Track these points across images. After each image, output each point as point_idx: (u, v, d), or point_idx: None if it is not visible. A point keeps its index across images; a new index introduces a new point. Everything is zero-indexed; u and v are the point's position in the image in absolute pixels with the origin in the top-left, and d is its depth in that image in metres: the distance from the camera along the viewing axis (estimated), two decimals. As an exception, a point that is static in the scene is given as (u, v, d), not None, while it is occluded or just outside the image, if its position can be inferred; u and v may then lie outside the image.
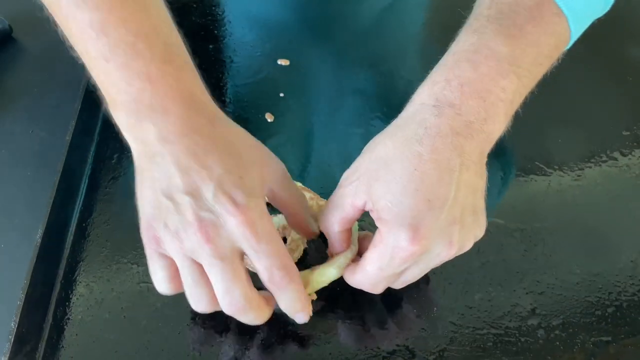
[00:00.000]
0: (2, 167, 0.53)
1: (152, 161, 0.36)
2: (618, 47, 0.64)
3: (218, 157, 0.36)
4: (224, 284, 0.36)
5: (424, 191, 0.36)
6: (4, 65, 0.61)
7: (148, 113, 0.36)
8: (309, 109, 0.56)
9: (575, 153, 0.54)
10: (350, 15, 0.66)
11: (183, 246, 0.36)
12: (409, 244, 0.36)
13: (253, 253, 0.36)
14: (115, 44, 0.36)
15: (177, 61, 0.38)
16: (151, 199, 0.37)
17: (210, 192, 0.35)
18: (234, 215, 0.35)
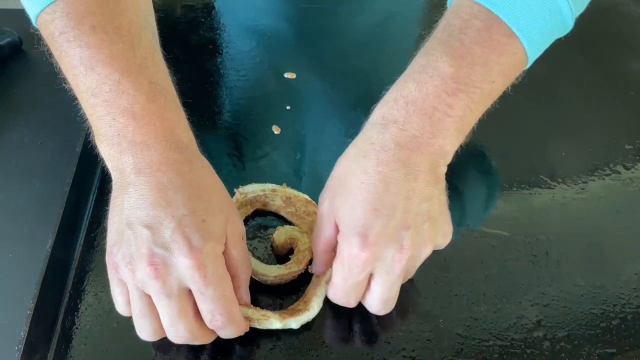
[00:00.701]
0: (12, 178, 0.53)
1: (125, 191, 0.38)
2: (620, 62, 0.65)
3: (187, 196, 0.37)
4: (169, 318, 0.38)
5: (371, 201, 0.39)
6: (15, 77, 0.62)
7: (129, 147, 0.38)
8: (315, 121, 0.57)
9: (579, 166, 0.55)
10: (347, 28, 0.67)
11: (134, 276, 0.37)
12: (359, 250, 0.38)
13: (199, 295, 0.37)
14: (102, 81, 0.38)
15: (161, 100, 0.39)
16: (116, 227, 0.38)
17: (169, 229, 0.36)
18: (186, 257, 0.36)
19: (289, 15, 0.68)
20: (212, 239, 0.37)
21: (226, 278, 0.38)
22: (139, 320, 0.39)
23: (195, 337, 0.39)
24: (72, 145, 0.53)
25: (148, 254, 0.36)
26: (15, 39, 0.63)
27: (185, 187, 0.38)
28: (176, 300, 0.37)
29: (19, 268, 0.47)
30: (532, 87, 0.61)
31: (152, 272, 0.36)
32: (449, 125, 0.40)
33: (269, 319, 0.42)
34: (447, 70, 0.40)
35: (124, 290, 0.39)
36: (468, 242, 0.49)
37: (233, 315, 0.39)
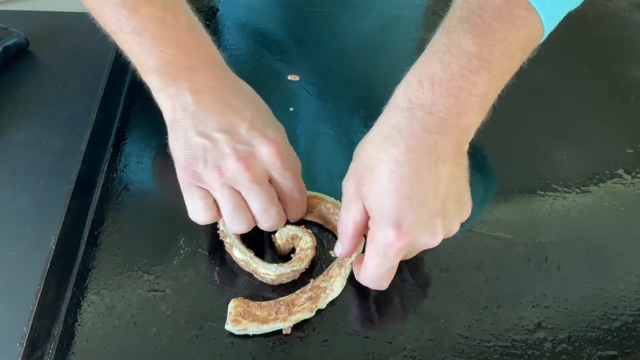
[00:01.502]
0: (16, 177, 0.54)
1: (187, 111, 0.42)
2: (622, 67, 0.65)
3: (245, 103, 0.44)
4: (262, 205, 0.43)
5: (403, 190, 0.39)
6: (20, 77, 0.62)
7: (180, 72, 0.43)
8: (317, 123, 0.57)
9: (580, 170, 0.55)
10: (349, 32, 0.68)
11: (223, 176, 0.42)
12: (395, 241, 0.40)
13: (280, 178, 0.44)
14: (147, 19, 0.43)
15: (197, 30, 0.45)
16: (188, 143, 0.42)
17: (244, 128, 0.42)
18: (267, 146, 0.42)
19: (292, 19, 0.69)
20: (280, 131, 0.45)
21: (296, 161, 0.45)
22: (235, 214, 0.43)
23: (282, 220, 0.45)
24: (76, 144, 0.54)
25: (233, 151, 0.42)
26: (21, 39, 0.64)
27: (241, 97, 0.44)
28: (265, 187, 0.43)
29: (22, 266, 0.47)
30: (535, 92, 0.61)
31: (242, 165, 0.41)
32: (473, 104, 0.40)
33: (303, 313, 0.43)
34: (471, 49, 0.40)
35: (204, 194, 0.43)
36: (469, 244, 0.49)
37: (304, 191, 0.46)
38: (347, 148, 0.45)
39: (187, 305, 0.44)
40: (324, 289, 0.44)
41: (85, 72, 0.63)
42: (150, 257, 0.47)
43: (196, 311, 0.44)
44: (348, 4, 0.70)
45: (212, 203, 0.43)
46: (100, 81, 0.57)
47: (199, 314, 0.44)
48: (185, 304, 0.44)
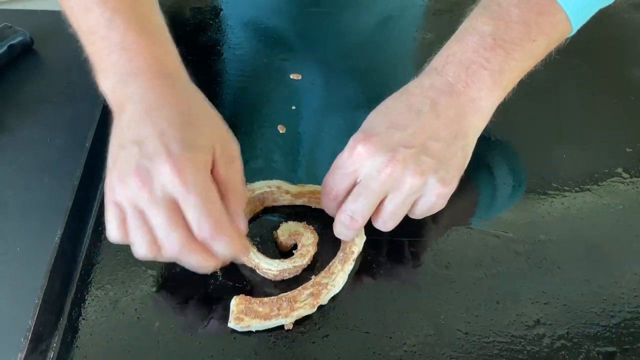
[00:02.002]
0: (21, 173, 0.54)
1: (119, 118, 0.42)
2: (622, 68, 0.65)
3: (168, 113, 0.40)
4: (161, 228, 0.38)
5: (390, 116, 0.44)
6: (25, 75, 0.63)
7: (122, 77, 0.42)
8: (319, 121, 0.58)
9: (580, 169, 0.55)
10: (351, 31, 0.69)
11: (127, 192, 0.38)
12: (357, 142, 0.43)
13: (182, 202, 0.38)
14: (97, 19, 0.43)
15: (149, 33, 0.44)
16: (112, 151, 0.41)
17: (152, 142, 0.38)
18: (165, 162, 0.37)
19: (295, 19, 0.69)
20: (192, 148, 0.39)
21: (210, 188, 0.39)
22: (134, 236, 0.39)
23: (190, 248, 0.38)
24: (80, 142, 0.54)
25: (135, 167, 0.38)
26: (26, 38, 0.64)
27: (167, 107, 0.40)
28: (164, 208, 0.37)
29: (27, 261, 0.48)
30: (535, 91, 0.62)
31: (139, 181, 0.38)
32: (484, 78, 0.43)
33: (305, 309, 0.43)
34: (484, 29, 0.44)
35: (117, 212, 0.39)
36: (470, 241, 0.49)
37: (221, 225, 0.38)
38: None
39: (190, 300, 0.45)
40: (325, 285, 0.45)
41: (89, 70, 0.63)
42: (154, 252, 0.47)
43: (199, 306, 0.44)
44: (350, 4, 0.71)
45: (122, 221, 0.39)
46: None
47: (202, 309, 0.44)
48: (188, 299, 0.45)
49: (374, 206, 0.43)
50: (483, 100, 0.44)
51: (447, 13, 0.71)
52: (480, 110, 0.44)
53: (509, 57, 0.43)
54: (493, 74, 0.43)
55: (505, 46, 0.43)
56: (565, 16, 0.44)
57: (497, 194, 0.53)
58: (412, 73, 0.48)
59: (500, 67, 0.43)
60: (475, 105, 0.44)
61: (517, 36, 0.43)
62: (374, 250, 0.48)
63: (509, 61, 0.43)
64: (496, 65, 0.43)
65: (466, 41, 0.44)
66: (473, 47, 0.44)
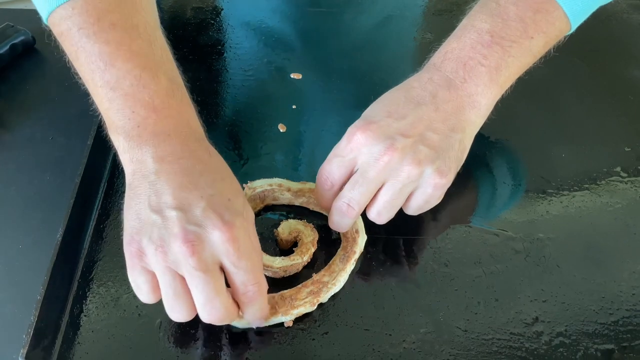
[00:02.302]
0: (23, 172, 0.55)
1: (146, 179, 0.38)
2: (620, 68, 0.66)
3: (211, 179, 0.39)
4: (205, 295, 0.37)
5: (389, 106, 0.45)
6: (27, 74, 0.63)
7: (150, 137, 0.39)
8: (319, 120, 0.58)
9: (579, 168, 0.56)
10: (351, 31, 0.69)
11: (166, 258, 0.37)
12: (357, 129, 0.43)
13: (232, 268, 0.38)
14: (122, 76, 0.39)
15: (178, 95, 0.41)
16: (139, 215, 0.38)
17: (199, 208, 0.37)
18: (221, 231, 0.37)
19: (295, 18, 0.70)
20: (240, 215, 0.39)
21: (256, 250, 0.40)
22: (175, 302, 0.38)
23: (229, 313, 0.39)
24: (81, 140, 0.54)
25: (182, 232, 0.36)
26: (28, 37, 0.64)
27: (207, 172, 0.39)
28: (212, 276, 0.37)
29: (29, 259, 0.48)
30: (534, 91, 0.62)
31: (189, 249, 0.36)
32: (482, 74, 0.44)
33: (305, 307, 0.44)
34: (482, 26, 0.45)
35: (149, 278, 0.38)
36: (469, 239, 0.50)
37: (262, 287, 0.40)
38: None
39: (191, 297, 0.45)
40: (325, 283, 0.45)
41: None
42: (155, 250, 0.48)
43: (199, 303, 0.45)
44: (350, 4, 0.71)
45: (155, 285, 0.39)
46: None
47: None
48: (189, 296, 0.45)
49: (371, 194, 0.44)
50: (480, 95, 0.44)
51: (447, 13, 0.71)
52: (477, 106, 0.45)
53: (506, 54, 0.44)
54: (490, 70, 0.44)
55: (503, 43, 0.44)
56: (563, 14, 0.45)
57: (497, 193, 0.53)
58: (412, 72, 0.48)
59: (497, 63, 0.44)
60: (473, 101, 0.44)
61: (515, 33, 0.44)
62: (374, 248, 0.49)
63: (506, 58, 0.44)
64: (493, 62, 0.44)
65: (464, 38, 0.45)
66: (471, 43, 0.45)
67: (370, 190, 0.43)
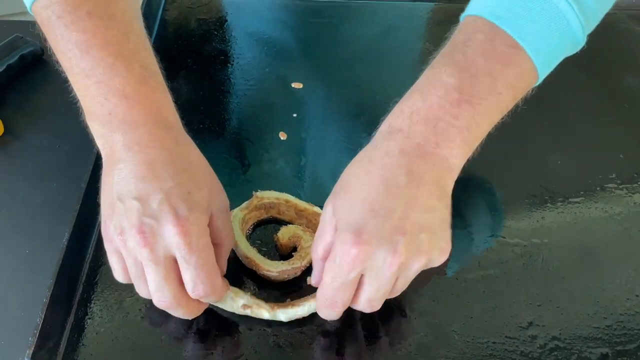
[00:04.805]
0: (30, 179, 0.56)
1: (115, 167, 0.40)
2: (616, 76, 0.67)
3: (173, 171, 0.40)
4: (155, 284, 0.40)
5: (370, 201, 0.39)
6: (35, 85, 0.65)
7: (119, 125, 0.40)
8: (319, 128, 0.60)
9: (574, 175, 0.56)
10: (352, 41, 0.70)
11: (126, 246, 0.40)
12: (351, 246, 0.38)
13: (183, 262, 0.39)
14: (96, 63, 0.40)
15: (151, 83, 0.42)
16: (108, 201, 0.41)
17: (157, 200, 0.39)
18: (172, 225, 0.38)
19: (297, 29, 0.71)
20: (197, 210, 0.39)
21: (209, 248, 0.41)
22: (136, 282, 0.42)
23: (179, 303, 0.41)
24: (87, 148, 0.55)
25: (137, 224, 0.38)
26: (37, 49, 0.66)
27: (171, 162, 0.40)
28: (162, 267, 0.39)
29: (36, 262, 0.50)
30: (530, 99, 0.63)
31: (141, 240, 0.38)
32: (453, 136, 0.40)
33: (260, 309, 0.44)
34: (449, 81, 0.40)
35: (120, 259, 0.41)
36: (466, 244, 0.51)
37: (214, 285, 0.41)
38: (349, 153, 0.47)
39: (192, 301, 0.46)
40: (292, 303, 0.45)
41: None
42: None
43: (201, 306, 0.46)
44: (351, 15, 0.73)
45: (125, 267, 0.42)
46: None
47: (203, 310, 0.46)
48: (191, 300, 0.46)
49: (388, 292, 0.41)
50: (454, 158, 0.41)
51: (446, 23, 0.72)
52: (453, 168, 0.41)
53: (476, 113, 0.40)
54: (461, 131, 0.40)
55: (472, 100, 0.40)
56: (531, 66, 0.41)
57: (495, 200, 0.54)
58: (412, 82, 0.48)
59: (468, 123, 0.40)
60: (448, 164, 0.41)
61: (484, 89, 0.40)
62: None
63: (476, 117, 0.40)
64: (464, 122, 0.40)
65: (430, 96, 0.41)
66: (438, 102, 0.40)
67: (387, 290, 0.41)
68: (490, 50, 0.41)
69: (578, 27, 0.42)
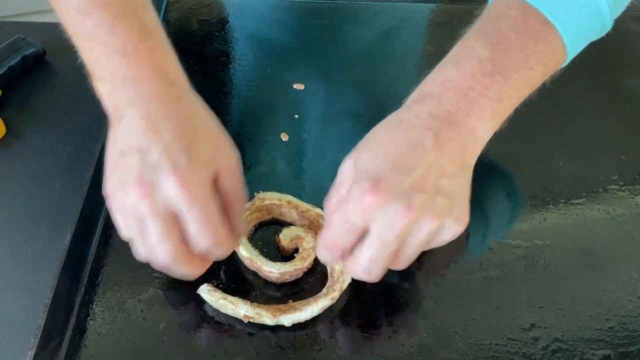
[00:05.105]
0: (32, 180, 0.56)
1: (119, 123, 0.41)
2: (617, 77, 0.67)
3: (173, 125, 0.40)
4: (155, 238, 0.39)
5: (393, 157, 0.40)
6: (37, 85, 0.65)
7: (122, 83, 0.41)
8: (321, 129, 0.60)
9: (576, 176, 0.56)
10: (353, 43, 0.70)
11: (127, 200, 0.39)
12: (366, 193, 0.38)
13: (184, 216, 0.39)
14: (97, 24, 0.42)
15: (151, 41, 0.43)
16: (111, 157, 0.41)
17: (156, 154, 0.39)
18: (171, 177, 0.38)
19: (298, 30, 0.71)
20: (197, 162, 0.39)
21: (211, 202, 0.40)
22: (133, 241, 0.41)
23: (180, 261, 0.40)
24: (89, 149, 0.56)
25: (137, 177, 0.38)
26: (39, 49, 0.66)
27: (172, 117, 0.40)
28: (162, 220, 0.39)
29: (38, 263, 0.50)
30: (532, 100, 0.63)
31: (141, 192, 0.38)
32: (483, 106, 0.41)
33: (262, 318, 0.44)
34: (482, 53, 0.42)
35: (123, 215, 0.41)
36: (467, 246, 0.50)
37: (218, 238, 0.40)
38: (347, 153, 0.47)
39: (194, 302, 0.46)
40: (294, 307, 0.45)
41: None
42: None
43: (202, 308, 0.46)
44: (352, 16, 0.73)
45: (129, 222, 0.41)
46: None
47: (205, 310, 0.46)
48: (193, 301, 0.46)
49: (391, 257, 0.40)
50: (481, 129, 0.41)
51: (447, 25, 0.73)
52: (479, 140, 0.42)
53: (507, 85, 0.41)
54: (492, 101, 0.41)
55: (504, 73, 0.41)
56: (561, 45, 0.43)
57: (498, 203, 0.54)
58: (413, 83, 0.48)
59: (499, 94, 0.41)
60: (474, 135, 0.41)
61: (516, 64, 0.41)
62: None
63: (507, 89, 0.41)
64: (495, 93, 0.41)
65: (463, 65, 0.42)
66: (471, 72, 0.41)
67: (391, 254, 0.40)
68: (522, 26, 0.42)
69: (606, 10, 0.43)
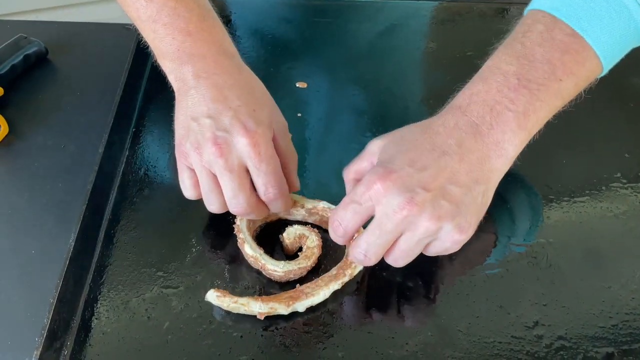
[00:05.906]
0: (36, 179, 0.56)
1: (187, 94, 0.46)
2: (620, 75, 0.66)
3: (239, 92, 0.46)
4: (231, 191, 0.45)
5: (413, 154, 0.42)
6: (40, 84, 0.65)
7: (188, 58, 0.46)
8: (324, 128, 0.60)
9: (580, 174, 0.56)
10: (356, 41, 0.70)
11: (202, 158, 0.44)
12: (377, 179, 0.41)
13: (255, 170, 0.45)
14: (160, 8, 0.47)
15: (210, 20, 0.48)
16: (182, 123, 0.46)
17: (227, 117, 0.44)
18: (243, 137, 0.44)
19: (301, 28, 0.71)
20: (263, 125, 0.45)
21: (276, 158, 0.46)
22: (208, 196, 0.46)
23: (252, 209, 0.46)
24: (92, 148, 0.56)
25: (212, 137, 0.44)
26: (41, 48, 0.66)
27: (237, 86, 0.46)
28: (236, 175, 0.44)
29: (42, 263, 0.50)
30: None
31: (217, 150, 0.43)
32: (508, 120, 0.42)
33: (277, 310, 0.44)
34: (508, 68, 0.43)
35: (191, 175, 0.46)
36: (471, 244, 0.50)
37: (282, 190, 0.46)
38: (353, 152, 0.47)
39: (198, 301, 0.46)
40: (305, 292, 0.45)
41: (101, 79, 0.65)
42: (163, 255, 0.49)
43: (207, 306, 0.46)
44: (355, 14, 0.73)
45: (196, 182, 0.46)
46: (116, 88, 0.60)
47: (210, 309, 0.46)
48: (196, 300, 0.46)
49: (387, 245, 0.43)
50: (507, 143, 0.42)
51: (450, 22, 0.73)
52: (504, 154, 0.43)
53: (534, 98, 0.42)
54: (517, 115, 0.42)
55: (530, 86, 0.42)
56: (593, 54, 0.43)
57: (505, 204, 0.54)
58: (416, 81, 0.49)
59: (525, 108, 0.42)
60: (499, 149, 0.42)
61: (542, 76, 0.42)
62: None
63: (534, 102, 0.42)
64: (520, 106, 0.42)
65: (490, 80, 0.43)
66: (497, 86, 0.43)
67: (387, 242, 0.42)
68: (548, 39, 0.43)
69: None
